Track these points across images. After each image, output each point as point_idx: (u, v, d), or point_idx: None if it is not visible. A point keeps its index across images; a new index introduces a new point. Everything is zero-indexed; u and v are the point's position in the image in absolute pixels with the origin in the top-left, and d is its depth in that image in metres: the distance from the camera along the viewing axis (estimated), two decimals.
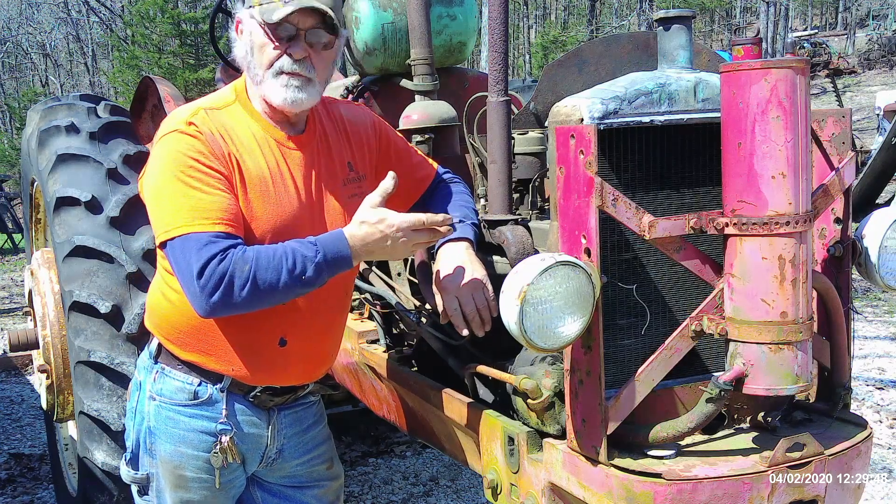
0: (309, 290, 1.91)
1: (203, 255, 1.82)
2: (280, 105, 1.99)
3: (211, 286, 1.81)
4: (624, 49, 2.12)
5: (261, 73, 1.99)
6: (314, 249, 1.87)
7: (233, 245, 1.85)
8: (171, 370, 2.10)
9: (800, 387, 1.70)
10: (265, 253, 1.85)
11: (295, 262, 1.84)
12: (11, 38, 41.80)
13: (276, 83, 1.97)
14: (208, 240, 1.84)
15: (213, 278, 1.81)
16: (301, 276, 1.85)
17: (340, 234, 1.91)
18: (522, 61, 35.21)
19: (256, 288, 1.82)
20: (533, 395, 1.94)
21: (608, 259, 1.87)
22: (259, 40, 1.97)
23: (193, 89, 19.62)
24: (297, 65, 1.96)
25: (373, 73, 3.34)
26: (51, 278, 3.63)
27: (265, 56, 1.97)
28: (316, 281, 1.88)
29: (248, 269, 1.82)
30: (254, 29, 1.98)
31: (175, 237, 1.86)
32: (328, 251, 1.88)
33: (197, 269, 1.82)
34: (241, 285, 1.81)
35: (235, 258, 1.82)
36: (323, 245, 1.88)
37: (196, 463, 2.10)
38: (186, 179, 1.88)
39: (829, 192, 1.89)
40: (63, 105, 3.82)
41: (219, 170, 1.91)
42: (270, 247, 1.88)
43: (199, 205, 1.86)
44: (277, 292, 1.85)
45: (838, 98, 14.43)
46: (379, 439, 5.00)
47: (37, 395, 4.82)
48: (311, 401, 2.29)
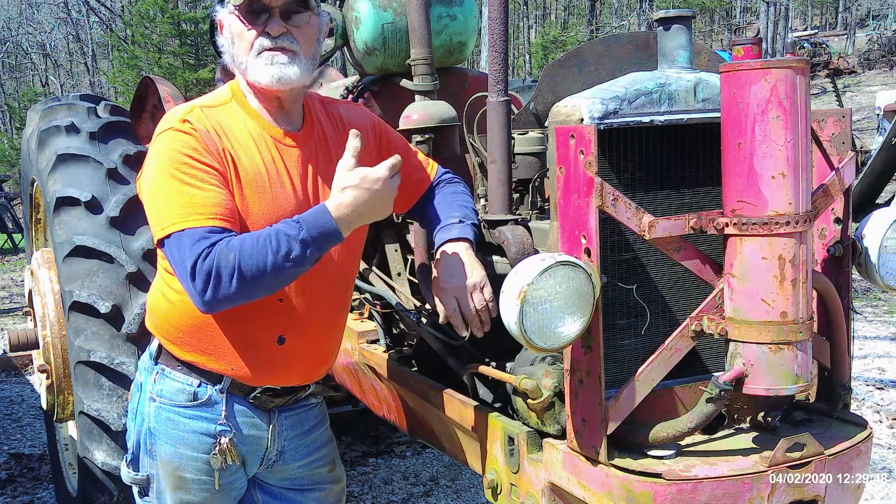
0: (301, 269, 1.87)
1: (195, 250, 1.82)
2: (268, 84, 1.97)
3: (201, 282, 1.82)
4: (624, 49, 2.12)
5: (244, 58, 1.98)
6: (297, 227, 1.83)
7: (221, 238, 1.84)
8: (170, 371, 2.10)
9: (800, 387, 1.70)
10: (249, 240, 1.83)
11: (279, 243, 1.81)
12: (11, 38, 41.81)
13: (260, 62, 1.96)
14: (201, 235, 1.83)
15: (202, 273, 1.81)
16: (287, 255, 1.82)
17: (322, 207, 1.88)
18: (522, 61, 35.20)
19: (243, 276, 1.81)
20: (533, 395, 1.94)
21: (608, 259, 1.87)
22: (236, 28, 1.98)
23: (193, 89, 19.62)
24: (278, 40, 1.96)
25: (373, 73, 3.34)
26: (51, 278, 3.63)
27: (244, 41, 1.98)
28: (304, 259, 1.84)
29: (232, 259, 1.80)
30: (231, 21, 1.99)
31: (171, 234, 1.86)
32: (311, 226, 1.84)
33: (189, 266, 1.82)
34: (228, 276, 1.80)
35: (220, 249, 1.81)
36: (306, 221, 1.85)
37: (196, 464, 2.10)
38: (181, 176, 1.88)
39: (829, 192, 1.89)
40: (63, 105, 3.82)
41: (213, 165, 1.91)
42: (255, 233, 1.86)
43: (193, 200, 1.86)
44: (267, 276, 1.82)
45: (838, 98, 14.42)
46: (379, 439, 5.00)
47: (37, 395, 4.82)
48: (312, 403, 2.28)
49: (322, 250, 1.87)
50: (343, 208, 1.86)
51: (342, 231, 1.88)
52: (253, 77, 1.99)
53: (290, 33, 1.97)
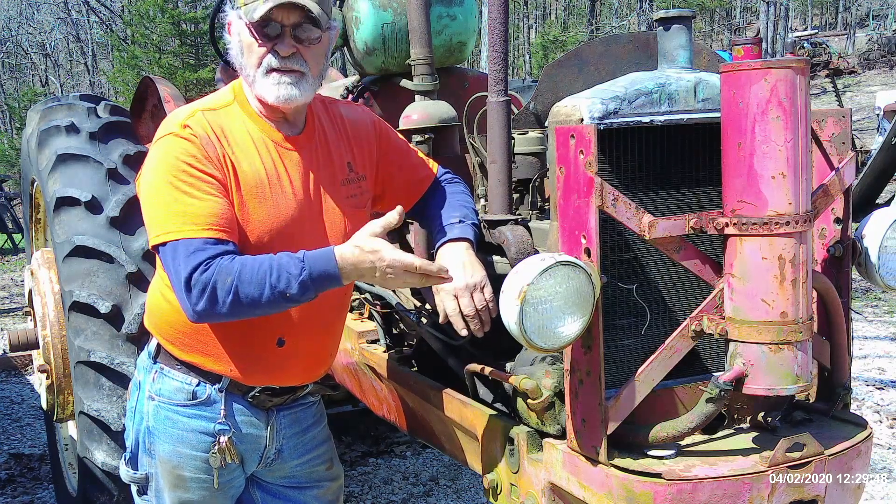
0: (295, 304, 1.88)
1: (190, 262, 1.82)
2: (274, 103, 1.98)
3: (196, 294, 1.82)
4: (624, 49, 2.12)
5: (252, 73, 1.98)
6: (300, 266, 1.83)
7: (222, 252, 1.84)
8: (169, 370, 2.10)
9: (800, 387, 1.70)
10: (250, 265, 1.82)
11: (279, 279, 1.81)
12: (11, 38, 41.81)
13: (268, 82, 1.96)
14: (197, 246, 1.84)
15: (198, 287, 1.82)
16: (284, 293, 1.82)
17: (330, 252, 1.86)
18: (522, 61, 35.21)
19: (238, 300, 1.82)
20: (533, 395, 1.94)
21: (608, 259, 1.87)
22: (247, 40, 1.97)
23: (193, 89, 19.62)
24: (287, 61, 1.95)
25: (373, 73, 3.34)
26: (51, 278, 3.63)
27: (253, 55, 1.97)
28: (301, 297, 1.85)
29: (230, 282, 1.81)
30: (241, 29, 1.98)
31: (166, 242, 1.87)
32: (314, 269, 1.83)
33: (184, 277, 1.83)
34: (223, 296, 1.81)
35: (220, 268, 1.82)
36: (310, 262, 1.84)
37: (194, 463, 2.10)
38: (178, 184, 1.88)
39: (829, 192, 1.89)
40: (63, 105, 3.82)
41: (212, 174, 1.91)
42: (258, 259, 1.85)
43: (189, 210, 1.86)
44: (261, 305, 1.84)
45: (838, 98, 14.42)
46: (379, 439, 5.00)
47: (37, 395, 4.82)
48: (310, 401, 2.29)
49: (320, 291, 1.88)
50: (345, 262, 1.86)
51: (343, 280, 1.88)
52: (259, 92, 1.99)
53: (300, 53, 1.97)
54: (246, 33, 1.97)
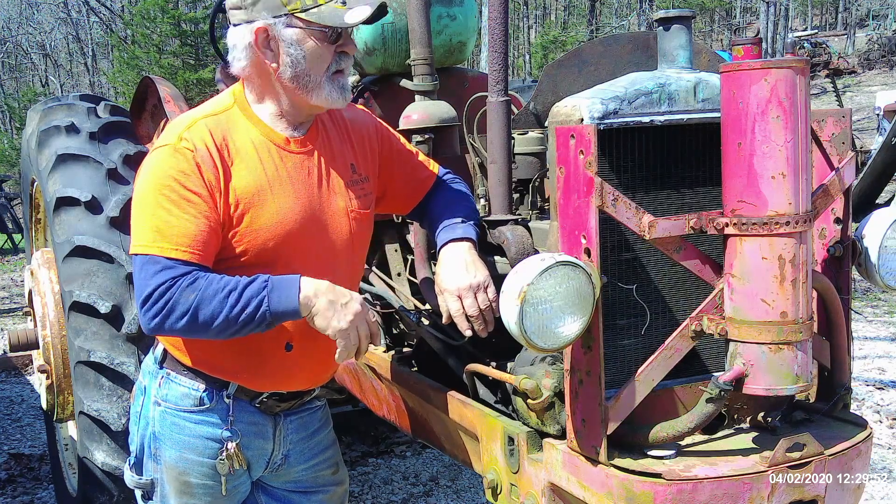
0: (252, 332, 1.88)
1: (155, 280, 1.83)
2: (336, 105, 2.00)
3: (153, 312, 1.84)
4: (624, 49, 2.12)
5: (319, 79, 1.96)
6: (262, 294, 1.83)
7: (186, 273, 1.84)
8: (176, 376, 2.08)
9: (800, 387, 1.70)
10: (214, 285, 1.84)
11: (238, 301, 1.83)
12: (11, 38, 41.81)
13: (335, 85, 1.97)
14: (165, 265, 1.84)
15: (156, 305, 1.83)
16: (238, 316, 1.83)
17: (295, 283, 1.86)
18: (522, 61, 35.21)
19: (196, 318, 1.83)
20: (533, 395, 1.94)
21: (608, 259, 1.87)
22: (312, 48, 1.93)
23: (193, 89, 19.63)
24: (346, 61, 1.99)
25: (373, 73, 3.34)
26: (51, 278, 3.63)
27: (323, 62, 1.95)
28: (256, 327, 1.86)
29: (192, 299, 1.82)
30: (300, 37, 1.92)
31: (137, 253, 1.88)
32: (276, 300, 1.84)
33: (145, 293, 1.84)
34: (180, 314, 1.82)
35: (183, 285, 1.83)
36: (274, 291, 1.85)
37: (201, 469, 2.08)
38: (161, 200, 1.87)
39: (829, 192, 1.89)
40: (63, 105, 3.82)
41: (198, 192, 1.88)
42: (223, 280, 1.85)
43: (164, 227, 1.86)
44: (217, 325, 1.84)
45: (838, 98, 14.40)
46: (379, 439, 5.00)
47: (37, 395, 4.82)
48: (316, 405, 2.27)
49: (276, 324, 1.89)
50: (311, 302, 1.87)
51: (302, 314, 1.88)
52: (323, 97, 1.97)
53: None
54: (310, 41, 1.93)
